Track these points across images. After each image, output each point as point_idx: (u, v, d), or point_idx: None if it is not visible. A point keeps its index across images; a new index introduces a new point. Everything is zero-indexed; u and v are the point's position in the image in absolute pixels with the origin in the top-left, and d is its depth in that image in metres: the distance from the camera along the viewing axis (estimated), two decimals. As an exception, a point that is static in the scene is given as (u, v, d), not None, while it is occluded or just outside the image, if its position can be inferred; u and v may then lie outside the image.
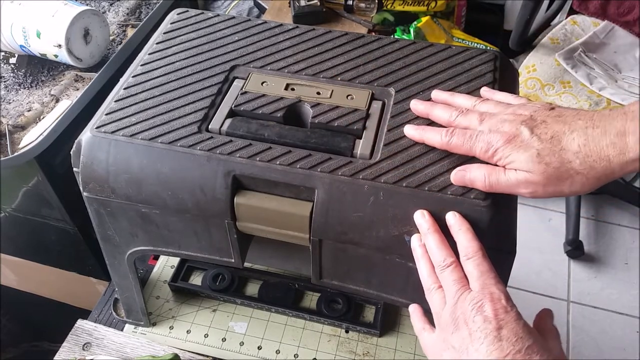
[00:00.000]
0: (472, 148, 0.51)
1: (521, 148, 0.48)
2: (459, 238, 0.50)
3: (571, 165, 0.47)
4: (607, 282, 1.59)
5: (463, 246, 0.50)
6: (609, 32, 1.49)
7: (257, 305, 0.79)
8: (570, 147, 0.47)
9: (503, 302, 0.46)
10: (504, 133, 0.50)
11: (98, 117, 0.59)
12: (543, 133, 0.48)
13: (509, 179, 0.49)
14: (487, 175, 0.50)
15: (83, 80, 1.01)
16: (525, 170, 0.48)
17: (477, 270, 0.48)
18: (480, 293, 0.47)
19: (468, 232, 0.50)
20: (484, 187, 0.51)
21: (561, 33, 1.50)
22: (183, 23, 0.70)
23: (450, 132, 0.53)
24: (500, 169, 0.50)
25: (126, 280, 0.70)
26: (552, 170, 0.47)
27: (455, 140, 0.52)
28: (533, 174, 0.48)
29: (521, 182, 0.49)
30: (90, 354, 0.73)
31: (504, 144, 0.49)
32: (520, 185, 0.49)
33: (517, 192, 0.50)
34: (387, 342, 0.76)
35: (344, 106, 0.60)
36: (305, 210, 0.54)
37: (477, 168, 0.51)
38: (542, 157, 0.47)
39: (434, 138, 0.54)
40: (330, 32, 0.68)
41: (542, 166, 0.47)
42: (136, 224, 0.61)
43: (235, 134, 0.58)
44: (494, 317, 0.45)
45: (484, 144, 0.50)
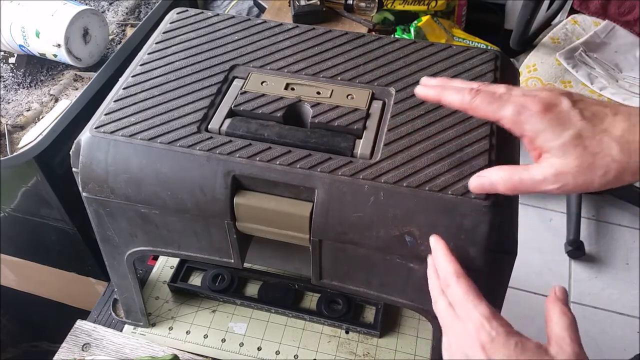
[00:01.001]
0: (500, 109, 0.45)
1: (560, 123, 0.42)
2: (438, 263, 0.49)
3: (609, 152, 0.41)
4: (608, 282, 1.59)
5: (440, 273, 0.48)
6: (609, 32, 1.49)
7: (257, 305, 0.78)
8: (613, 130, 0.41)
9: (486, 327, 0.43)
10: (542, 98, 0.43)
11: (97, 117, 0.59)
12: (585, 109, 0.42)
13: (533, 176, 0.43)
14: (508, 177, 0.45)
15: (82, 80, 1.01)
16: (559, 155, 0.42)
17: (455, 296, 0.47)
18: (464, 323, 0.45)
19: (440, 255, 0.49)
20: (506, 189, 0.45)
21: (562, 32, 1.50)
22: (182, 23, 0.70)
23: (474, 90, 0.46)
24: (521, 168, 0.45)
25: (125, 281, 0.70)
26: (589, 156, 0.41)
27: (479, 100, 0.45)
28: (565, 161, 0.42)
29: (549, 177, 0.43)
30: (90, 355, 0.73)
31: (541, 112, 0.43)
32: (547, 181, 0.43)
33: (543, 189, 0.44)
34: (387, 342, 0.76)
35: (344, 106, 0.60)
36: (305, 211, 0.54)
37: (495, 171, 0.46)
38: (581, 139, 0.41)
39: (453, 97, 0.47)
40: (330, 31, 0.68)
41: (579, 150, 0.41)
42: (135, 224, 0.61)
43: (234, 134, 0.57)
44: (481, 349, 0.43)
45: (517, 106, 0.44)
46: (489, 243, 0.51)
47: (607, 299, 1.55)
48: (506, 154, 0.57)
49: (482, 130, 0.56)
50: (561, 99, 0.43)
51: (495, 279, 0.56)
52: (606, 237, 1.69)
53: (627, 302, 1.54)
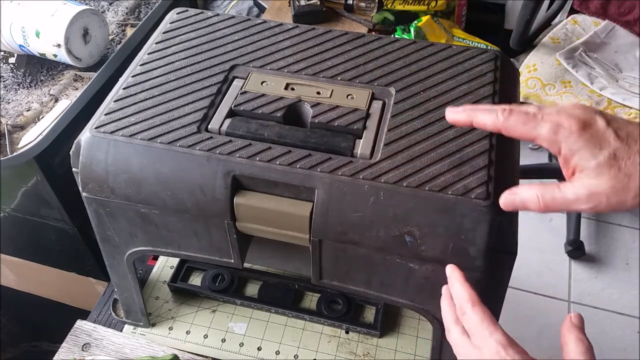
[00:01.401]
0: (535, 128, 0.44)
1: (596, 143, 0.42)
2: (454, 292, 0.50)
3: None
4: (608, 282, 1.59)
5: (455, 301, 0.49)
6: (609, 32, 1.49)
7: (257, 305, 0.78)
8: None
9: (502, 354, 0.44)
10: (578, 117, 0.43)
11: (97, 117, 0.59)
12: (619, 129, 0.42)
13: (565, 195, 0.43)
14: (540, 195, 0.44)
15: (82, 80, 1.01)
16: (593, 176, 0.42)
17: (468, 325, 0.47)
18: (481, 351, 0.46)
19: (456, 283, 0.49)
20: (538, 208, 0.45)
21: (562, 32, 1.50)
22: (182, 22, 0.70)
23: (507, 110, 0.45)
24: (553, 186, 0.44)
25: (125, 281, 0.70)
26: (622, 178, 0.41)
27: (514, 120, 0.45)
28: (600, 182, 0.42)
29: (582, 197, 0.43)
30: (90, 355, 0.73)
31: (578, 131, 0.42)
32: (580, 201, 0.43)
33: (576, 208, 0.44)
34: (387, 342, 0.76)
35: (344, 106, 0.60)
36: (305, 211, 0.54)
37: (527, 189, 0.46)
38: (617, 160, 0.41)
39: (486, 118, 0.46)
40: (330, 31, 0.68)
41: (613, 171, 0.41)
42: (135, 224, 0.61)
43: (234, 134, 0.57)
44: None
45: (553, 124, 0.43)
46: (489, 243, 0.51)
47: (607, 299, 1.55)
48: (506, 154, 0.57)
49: (482, 130, 0.56)
50: (596, 117, 0.43)
51: (495, 279, 0.56)
52: (606, 237, 1.69)
53: (627, 302, 1.54)
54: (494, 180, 0.53)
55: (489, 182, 0.52)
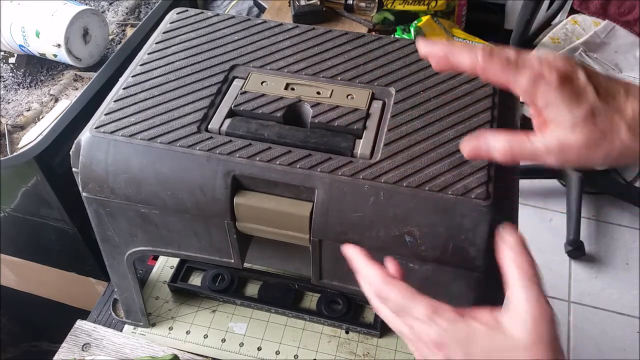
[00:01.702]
0: (514, 76, 0.42)
1: (574, 98, 0.41)
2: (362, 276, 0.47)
3: (618, 132, 0.40)
4: (608, 282, 1.59)
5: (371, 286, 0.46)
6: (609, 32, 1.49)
7: (257, 305, 0.78)
8: (625, 109, 0.40)
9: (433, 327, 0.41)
10: (558, 69, 0.41)
11: (97, 117, 0.59)
12: (599, 84, 0.41)
13: (535, 146, 0.42)
14: (508, 144, 0.42)
15: (82, 80, 1.01)
16: (567, 130, 0.41)
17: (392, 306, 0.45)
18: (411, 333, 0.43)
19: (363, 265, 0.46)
20: (503, 155, 0.43)
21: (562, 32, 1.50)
22: (182, 22, 0.70)
23: (487, 53, 0.42)
24: (523, 137, 0.42)
25: (125, 281, 0.70)
26: (597, 134, 0.40)
27: (495, 64, 0.42)
28: (573, 136, 0.41)
29: (552, 149, 0.41)
30: (90, 355, 0.73)
31: (558, 84, 0.41)
32: (550, 153, 0.41)
33: (543, 160, 0.42)
34: (387, 342, 0.76)
35: (344, 106, 0.60)
36: (305, 211, 0.54)
37: (494, 136, 0.43)
38: (594, 117, 0.40)
39: (464, 57, 0.43)
40: (330, 31, 0.68)
41: (588, 127, 0.40)
42: (135, 224, 0.61)
43: (234, 134, 0.57)
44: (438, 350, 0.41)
45: (533, 74, 0.41)
46: (489, 243, 0.51)
47: (607, 299, 1.55)
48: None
49: (482, 130, 0.56)
50: (577, 71, 0.41)
51: (495, 279, 0.56)
52: (606, 237, 1.69)
53: (627, 302, 1.54)
54: (494, 180, 0.53)
55: (489, 182, 0.52)
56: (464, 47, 0.43)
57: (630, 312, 1.52)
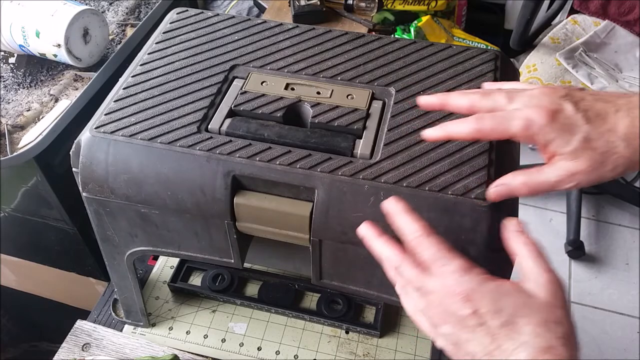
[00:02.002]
0: (508, 128, 0.45)
1: (567, 130, 0.44)
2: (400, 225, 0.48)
3: (616, 150, 0.43)
4: (608, 282, 1.59)
5: (406, 235, 0.47)
6: (609, 32, 1.49)
7: (257, 305, 0.78)
8: (617, 128, 0.43)
9: (466, 278, 0.43)
10: (544, 107, 0.44)
11: (97, 117, 0.59)
12: (588, 110, 0.44)
13: (548, 178, 0.45)
14: (525, 182, 0.46)
15: (82, 80, 1.01)
16: (570, 159, 0.44)
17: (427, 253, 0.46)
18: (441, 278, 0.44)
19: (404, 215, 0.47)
20: (525, 193, 0.47)
21: (562, 32, 1.50)
22: (182, 23, 0.70)
23: (478, 117, 0.47)
24: (535, 171, 0.46)
25: (125, 281, 0.70)
26: (598, 156, 0.44)
27: (487, 124, 0.46)
28: (577, 163, 0.44)
29: (563, 177, 0.45)
30: (90, 355, 0.73)
31: (547, 122, 0.44)
32: (562, 182, 0.45)
33: (559, 188, 0.46)
34: (387, 342, 0.76)
35: (344, 106, 0.60)
36: (305, 211, 0.54)
37: (512, 177, 0.47)
38: (589, 142, 0.43)
39: (459, 129, 0.48)
40: (330, 31, 0.68)
41: (588, 152, 0.44)
42: (135, 225, 0.61)
43: (234, 134, 0.57)
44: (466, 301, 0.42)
45: (523, 120, 0.45)
46: (489, 243, 0.51)
47: (607, 299, 1.55)
48: (506, 154, 0.57)
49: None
50: (563, 104, 0.44)
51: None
52: (606, 237, 1.69)
53: (627, 302, 1.54)
54: (493, 180, 0.53)
55: (489, 182, 0.52)
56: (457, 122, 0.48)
57: (630, 312, 1.52)
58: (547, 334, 0.40)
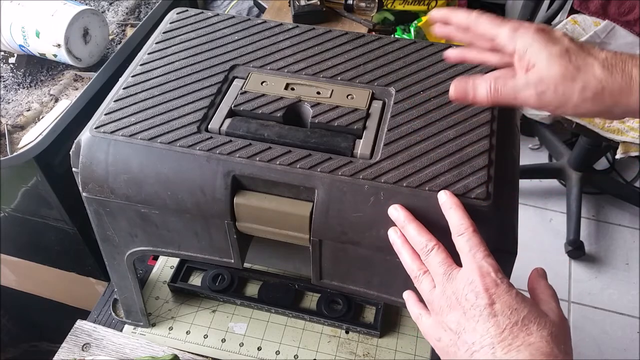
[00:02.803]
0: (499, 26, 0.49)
1: (549, 40, 0.47)
2: (450, 216, 0.50)
3: (592, 69, 0.45)
4: (608, 282, 1.59)
5: (454, 224, 0.49)
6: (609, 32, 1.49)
7: (257, 305, 0.78)
8: (598, 54, 0.46)
9: (492, 275, 0.46)
10: (538, 25, 0.48)
11: (97, 117, 0.59)
12: (575, 40, 0.47)
13: (516, 83, 0.47)
14: (492, 82, 0.48)
15: (82, 80, 1.01)
16: (544, 65, 0.46)
17: (466, 245, 0.48)
18: (468, 269, 0.47)
19: (459, 209, 0.49)
20: (487, 93, 0.48)
21: (562, 33, 1.50)
22: (182, 23, 0.70)
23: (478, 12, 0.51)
24: (508, 74, 0.48)
25: (125, 281, 0.70)
26: (572, 68, 0.45)
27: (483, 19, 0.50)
28: (550, 70, 0.46)
29: (531, 82, 0.46)
30: (90, 355, 0.73)
31: (535, 31, 0.47)
32: (529, 86, 0.46)
33: (523, 96, 0.47)
34: (387, 342, 0.76)
35: (344, 106, 0.60)
36: (305, 211, 0.54)
37: (480, 76, 0.49)
38: (568, 53, 0.46)
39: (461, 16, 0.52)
40: (330, 31, 0.68)
41: (564, 61, 0.45)
42: (135, 225, 0.61)
43: (234, 134, 0.57)
44: (485, 291, 0.45)
45: (514, 24, 0.48)
46: (489, 243, 0.51)
47: (607, 299, 1.55)
48: (506, 154, 0.57)
49: (482, 130, 0.56)
50: (554, 31, 0.48)
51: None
52: (606, 237, 1.69)
53: (627, 302, 1.54)
54: (494, 180, 0.53)
55: (489, 182, 0.52)
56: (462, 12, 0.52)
57: (630, 312, 1.52)
58: (554, 344, 0.43)
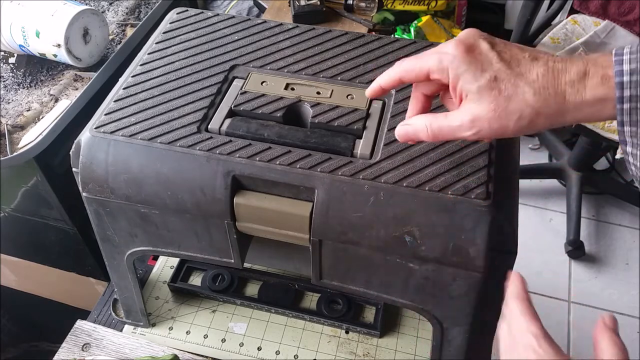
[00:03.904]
0: (423, 65, 0.46)
1: (478, 66, 0.43)
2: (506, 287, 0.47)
3: (524, 97, 0.42)
4: (608, 282, 1.59)
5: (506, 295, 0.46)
6: (609, 32, 1.49)
7: (257, 305, 0.78)
8: (529, 73, 0.42)
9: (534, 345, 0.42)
10: (460, 41, 0.44)
11: (97, 117, 0.59)
12: (503, 52, 0.44)
13: (451, 122, 0.45)
14: (428, 124, 0.46)
15: (82, 80, 1.01)
16: (475, 100, 0.43)
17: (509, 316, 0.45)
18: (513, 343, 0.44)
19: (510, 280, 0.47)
20: (427, 136, 0.47)
21: (562, 33, 1.50)
22: (182, 23, 0.70)
23: (400, 61, 0.48)
24: (441, 115, 0.46)
25: (125, 281, 0.70)
26: (503, 101, 0.42)
27: (405, 64, 0.47)
28: (481, 106, 0.43)
29: (465, 123, 0.44)
30: (90, 355, 0.73)
31: (460, 53, 0.43)
32: (464, 127, 0.44)
33: (461, 136, 0.45)
34: (387, 342, 0.76)
35: (344, 106, 0.60)
36: (305, 211, 0.54)
37: (417, 118, 0.48)
38: (497, 82, 0.42)
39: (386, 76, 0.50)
40: (330, 31, 0.68)
41: (494, 93, 0.42)
42: (135, 225, 0.61)
43: (234, 134, 0.57)
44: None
45: (437, 54, 0.45)
46: (489, 243, 0.51)
47: (607, 299, 1.55)
48: (506, 154, 0.57)
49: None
50: (479, 40, 0.44)
51: (495, 279, 0.56)
52: (606, 237, 1.69)
53: (627, 302, 1.54)
54: (493, 180, 0.53)
55: (489, 182, 0.52)
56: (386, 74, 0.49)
57: (630, 312, 1.52)
58: None
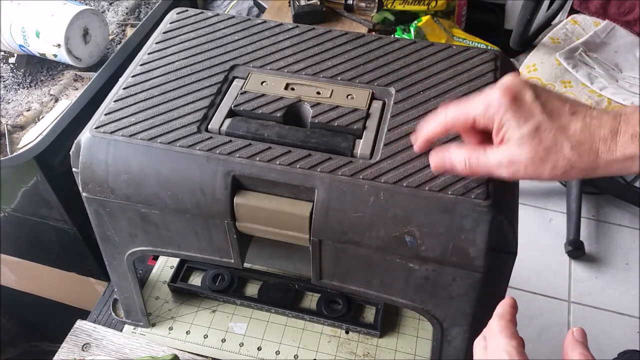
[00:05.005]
0: (469, 112, 0.47)
1: (522, 116, 0.45)
2: None
3: (562, 149, 0.44)
4: (608, 282, 1.59)
5: None
6: (609, 32, 1.49)
7: (257, 305, 0.78)
8: (568, 127, 0.44)
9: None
10: (506, 90, 0.46)
11: (97, 117, 0.59)
12: (546, 103, 0.45)
13: (489, 160, 0.47)
14: (467, 159, 0.48)
15: (82, 80, 1.01)
16: (516, 145, 0.45)
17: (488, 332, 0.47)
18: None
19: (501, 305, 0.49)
20: (463, 170, 0.49)
21: (562, 32, 1.50)
22: (182, 23, 0.70)
23: (444, 108, 0.49)
24: (480, 150, 0.47)
25: (125, 281, 0.70)
26: (542, 150, 0.44)
27: (450, 113, 0.48)
28: (520, 152, 0.45)
29: (503, 163, 0.46)
30: (90, 355, 0.73)
31: (507, 104, 0.45)
32: (501, 166, 0.46)
33: (496, 173, 0.47)
34: (387, 342, 0.76)
35: (344, 106, 0.60)
36: (305, 211, 0.54)
37: (457, 151, 0.49)
38: (539, 133, 0.44)
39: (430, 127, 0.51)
40: (330, 31, 0.68)
41: (534, 143, 0.44)
42: (135, 225, 0.61)
43: (234, 134, 0.57)
44: None
45: (483, 103, 0.46)
46: (489, 243, 0.51)
47: (607, 299, 1.55)
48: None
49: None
50: (524, 90, 0.46)
51: (495, 279, 0.56)
52: (606, 237, 1.69)
53: (627, 302, 1.54)
54: (494, 180, 0.53)
55: (489, 182, 0.52)
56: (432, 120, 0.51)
57: (630, 312, 1.52)
58: None
